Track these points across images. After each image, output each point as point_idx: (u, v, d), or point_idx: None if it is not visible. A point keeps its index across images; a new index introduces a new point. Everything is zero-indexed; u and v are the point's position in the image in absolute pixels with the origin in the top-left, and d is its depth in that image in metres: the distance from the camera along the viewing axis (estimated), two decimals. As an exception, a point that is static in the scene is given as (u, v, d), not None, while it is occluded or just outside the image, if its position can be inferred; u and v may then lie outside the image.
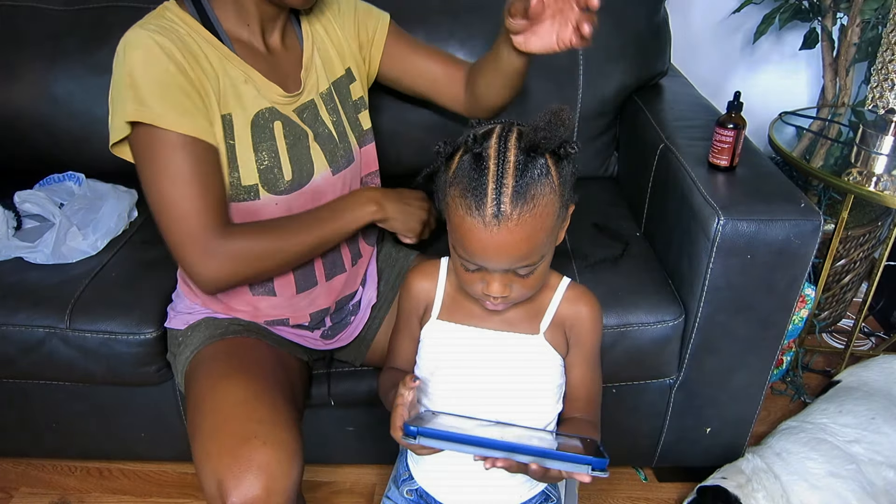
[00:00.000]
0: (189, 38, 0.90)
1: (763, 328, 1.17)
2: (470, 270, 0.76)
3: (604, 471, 0.69)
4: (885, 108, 1.38)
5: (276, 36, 1.01)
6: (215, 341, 1.01)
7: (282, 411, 0.90)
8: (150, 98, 0.85)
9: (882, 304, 1.95)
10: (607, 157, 1.64)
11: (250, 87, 0.95)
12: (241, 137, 0.94)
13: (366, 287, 1.18)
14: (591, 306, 0.86)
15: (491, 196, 0.69)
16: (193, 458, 0.85)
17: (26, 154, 1.54)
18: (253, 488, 0.79)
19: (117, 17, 1.49)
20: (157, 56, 0.86)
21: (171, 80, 0.86)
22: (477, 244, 0.71)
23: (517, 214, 0.69)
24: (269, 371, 0.98)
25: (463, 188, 0.71)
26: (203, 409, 0.89)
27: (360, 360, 1.22)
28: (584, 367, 0.87)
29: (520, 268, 0.74)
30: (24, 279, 1.23)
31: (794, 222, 1.07)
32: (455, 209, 0.72)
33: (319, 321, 1.11)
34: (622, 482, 1.46)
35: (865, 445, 1.32)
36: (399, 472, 0.98)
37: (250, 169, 0.95)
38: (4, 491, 1.46)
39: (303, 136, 1.01)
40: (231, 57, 0.94)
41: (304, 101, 1.02)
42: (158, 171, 0.88)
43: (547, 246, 0.75)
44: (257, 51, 0.98)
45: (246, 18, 0.96)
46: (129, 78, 0.86)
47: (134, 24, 0.90)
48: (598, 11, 0.85)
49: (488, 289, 0.76)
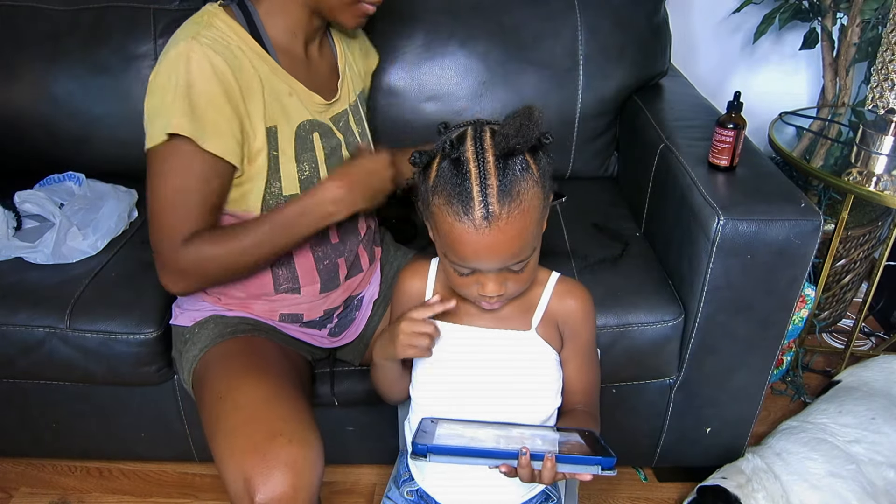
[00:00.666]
0: (240, 51, 0.91)
1: (763, 328, 1.17)
2: (463, 275, 0.76)
3: (612, 469, 0.70)
4: (885, 108, 1.38)
5: (316, 45, 1.04)
6: (225, 339, 1.01)
7: (303, 409, 0.91)
8: (199, 116, 0.87)
9: (882, 304, 1.95)
10: (607, 157, 1.64)
11: (294, 99, 0.98)
12: (286, 149, 0.97)
13: (371, 284, 1.20)
14: (581, 299, 0.86)
15: (478, 199, 0.69)
16: (215, 456, 0.85)
17: (26, 154, 1.54)
18: (281, 485, 0.80)
19: (117, 17, 1.49)
20: (210, 77, 0.87)
21: (219, 103, 0.88)
22: (470, 248, 0.72)
23: (506, 213, 0.69)
24: (285, 369, 0.99)
25: (447, 195, 0.71)
26: (224, 407, 0.89)
27: (359, 360, 1.23)
28: (580, 360, 0.88)
29: (513, 264, 0.74)
30: (24, 279, 1.23)
31: (794, 222, 1.06)
32: (443, 217, 0.72)
33: (328, 317, 1.12)
34: (622, 482, 1.46)
35: (865, 445, 1.32)
36: (399, 472, 0.98)
37: (292, 179, 0.98)
38: (4, 491, 1.46)
39: (337, 146, 1.04)
40: (277, 70, 0.95)
41: (340, 110, 1.06)
42: (169, 178, 0.90)
43: (536, 238, 0.76)
44: (298, 59, 1.00)
45: (294, 28, 0.98)
46: (186, 89, 0.86)
47: (186, 30, 0.90)
48: (599, 11, 0.85)
49: (484, 290, 0.76)
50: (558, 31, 1.51)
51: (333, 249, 1.07)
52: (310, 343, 1.14)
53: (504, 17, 1.51)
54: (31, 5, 1.49)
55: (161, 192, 0.90)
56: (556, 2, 1.51)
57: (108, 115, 1.50)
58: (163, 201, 0.90)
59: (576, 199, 1.50)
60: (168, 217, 0.90)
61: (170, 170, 0.89)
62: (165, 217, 0.91)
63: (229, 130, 0.89)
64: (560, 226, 1.40)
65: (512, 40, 1.52)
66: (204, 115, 0.87)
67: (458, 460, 0.72)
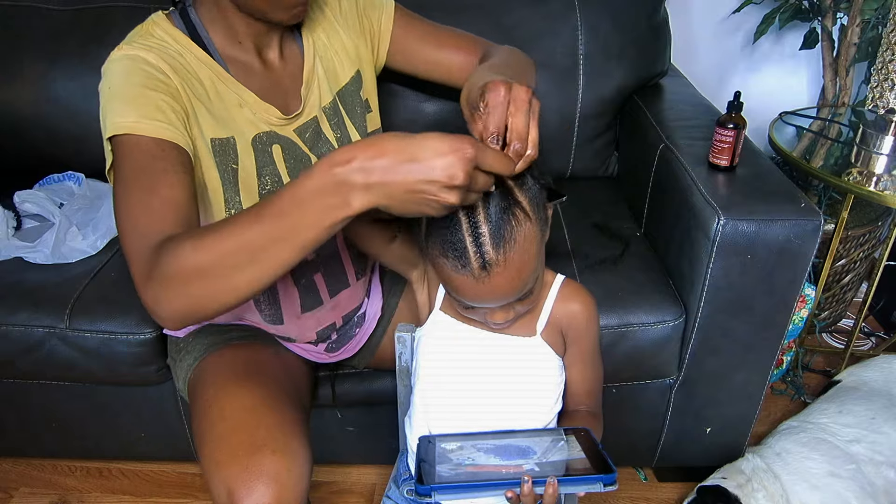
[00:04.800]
0: (181, 56, 0.85)
1: (763, 328, 1.17)
2: (468, 307, 0.77)
3: (613, 484, 0.71)
4: (885, 108, 1.38)
5: (274, 51, 0.95)
6: (220, 348, 0.99)
7: (290, 418, 0.88)
8: (131, 109, 0.78)
9: (882, 304, 1.95)
10: (607, 157, 1.64)
11: (245, 110, 0.90)
12: (245, 162, 0.90)
13: (371, 298, 1.15)
14: (585, 304, 0.86)
15: (472, 250, 0.68)
16: (202, 467, 0.84)
17: (26, 154, 1.54)
18: (264, 497, 0.78)
19: (117, 17, 1.49)
20: (136, 70, 0.80)
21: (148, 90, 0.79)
22: (472, 294, 0.72)
23: (503, 257, 0.69)
24: (276, 377, 0.97)
25: (442, 246, 0.70)
26: (210, 417, 0.88)
27: (364, 365, 1.22)
28: (583, 364, 0.88)
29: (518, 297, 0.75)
30: (24, 279, 1.23)
31: (795, 222, 1.06)
32: (441, 267, 0.72)
33: (326, 337, 1.09)
34: (622, 482, 1.46)
35: (865, 445, 1.32)
36: (399, 472, 0.98)
37: (253, 194, 0.91)
38: (4, 491, 1.46)
39: (304, 159, 0.95)
40: (224, 77, 0.88)
41: (306, 120, 0.96)
42: (125, 183, 0.77)
43: (539, 266, 0.75)
44: (253, 69, 0.92)
45: (237, 36, 0.90)
46: (113, 90, 0.80)
47: (123, 42, 0.86)
48: (599, 11, 0.84)
49: (492, 317, 0.78)
50: (558, 31, 1.51)
51: (308, 266, 1.01)
52: (307, 358, 1.11)
53: (504, 17, 1.51)
54: (31, 5, 1.49)
55: (121, 199, 0.76)
56: (556, 2, 1.51)
57: (108, 115, 1.50)
58: (125, 209, 0.76)
59: (576, 199, 1.50)
60: (133, 221, 0.75)
61: (124, 174, 0.77)
62: (130, 222, 0.75)
63: (165, 116, 0.79)
64: (560, 226, 1.40)
65: (512, 40, 1.51)
66: (134, 105, 0.78)
67: (464, 495, 0.72)
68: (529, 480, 0.70)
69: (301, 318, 1.03)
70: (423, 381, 0.89)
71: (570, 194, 0.88)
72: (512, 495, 0.72)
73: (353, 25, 1.04)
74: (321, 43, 1.00)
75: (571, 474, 0.73)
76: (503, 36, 1.51)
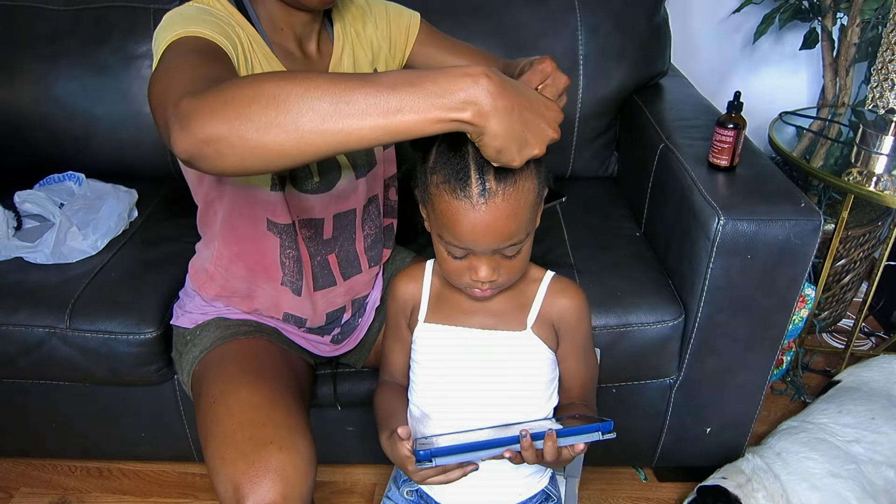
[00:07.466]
0: (240, 28, 0.87)
1: (763, 328, 1.17)
2: (457, 258, 0.77)
3: (612, 432, 0.71)
4: (885, 108, 1.38)
5: (312, 43, 0.99)
6: (226, 342, 1.01)
7: (296, 415, 0.89)
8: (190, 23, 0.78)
9: (882, 304, 1.95)
10: (607, 157, 1.64)
11: None
12: None
13: (374, 288, 1.18)
14: (575, 298, 0.86)
15: (475, 176, 0.70)
16: (207, 462, 0.85)
17: (26, 154, 1.54)
18: (270, 494, 0.79)
19: (117, 17, 1.49)
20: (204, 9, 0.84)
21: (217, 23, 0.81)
22: (466, 226, 0.72)
23: (502, 190, 0.70)
24: (281, 373, 0.98)
25: (445, 174, 0.72)
26: (217, 413, 0.88)
27: (362, 363, 1.22)
28: (576, 358, 0.88)
29: (507, 247, 0.75)
30: (24, 279, 1.23)
31: (795, 222, 1.07)
32: (440, 196, 0.73)
33: (335, 318, 1.11)
34: (622, 482, 1.46)
35: (865, 445, 1.32)
36: (399, 472, 0.98)
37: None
38: (4, 491, 1.46)
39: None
40: (270, 58, 0.92)
41: None
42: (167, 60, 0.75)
43: (530, 223, 0.76)
44: (294, 57, 0.96)
45: (278, 23, 0.94)
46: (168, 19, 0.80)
47: None
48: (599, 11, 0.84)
49: (476, 275, 0.77)
50: (558, 31, 1.51)
51: (325, 245, 1.05)
52: (311, 350, 1.13)
53: (504, 17, 1.51)
54: (31, 5, 1.49)
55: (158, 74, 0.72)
56: (556, 2, 1.51)
57: (108, 115, 1.50)
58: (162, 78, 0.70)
59: (576, 199, 1.50)
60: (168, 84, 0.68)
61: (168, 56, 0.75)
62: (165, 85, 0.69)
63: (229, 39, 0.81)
64: (561, 226, 1.40)
65: (512, 40, 1.52)
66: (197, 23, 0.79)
67: (463, 457, 0.73)
68: (528, 435, 0.72)
69: (314, 295, 1.05)
70: (417, 384, 0.89)
71: (570, 194, 0.89)
72: (511, 454, 0.73)
73: (382, 27, 1.07)
74: (350, 37, 1.03)
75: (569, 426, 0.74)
76: (503, 36, 1.52)
